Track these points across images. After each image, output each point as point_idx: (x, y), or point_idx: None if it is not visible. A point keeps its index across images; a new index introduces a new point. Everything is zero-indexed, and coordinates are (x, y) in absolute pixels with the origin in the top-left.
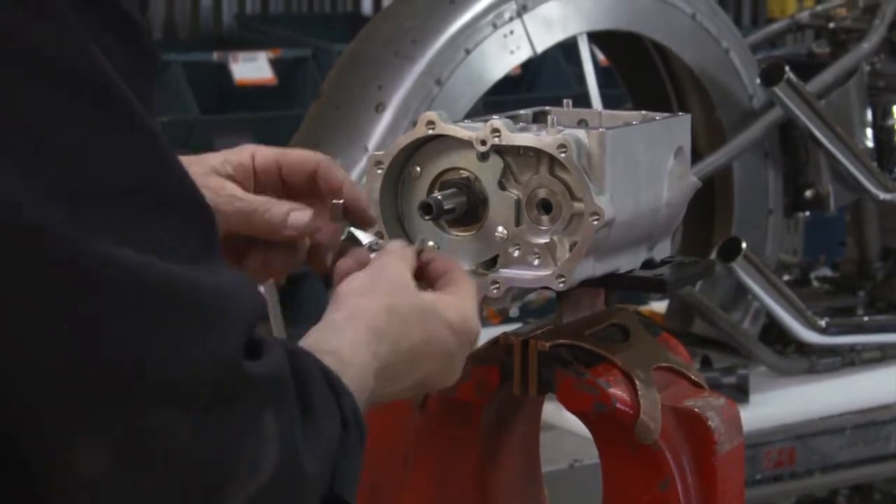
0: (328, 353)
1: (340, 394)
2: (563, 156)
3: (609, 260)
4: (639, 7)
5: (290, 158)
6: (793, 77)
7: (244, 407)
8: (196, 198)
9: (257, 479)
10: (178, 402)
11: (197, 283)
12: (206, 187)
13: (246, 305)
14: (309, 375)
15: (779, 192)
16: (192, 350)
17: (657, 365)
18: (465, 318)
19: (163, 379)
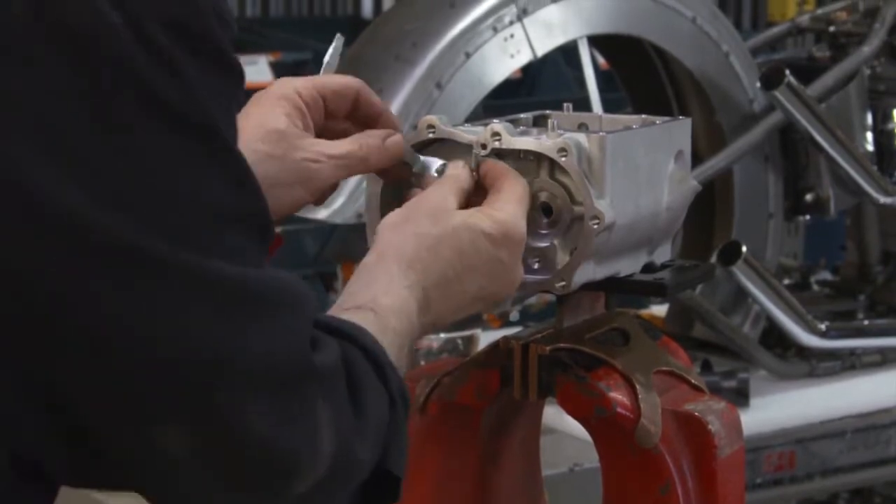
0: (364, 307)
1: (387, 374)
2: (564, 159)
3: (609, 264)
4: (639, 11)
5: (332, 87)
6: (793, 81)
7: (304, 395)
8: (265, 216)
9: (318, 465)
10: (254, 387)
11: (270, 281)
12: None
13: (310, 301)
14: (357, 365)
15: (779, 195)
16: (269, 340)
17: (657, 369)
18: (502, 224)
19: (243, 367)
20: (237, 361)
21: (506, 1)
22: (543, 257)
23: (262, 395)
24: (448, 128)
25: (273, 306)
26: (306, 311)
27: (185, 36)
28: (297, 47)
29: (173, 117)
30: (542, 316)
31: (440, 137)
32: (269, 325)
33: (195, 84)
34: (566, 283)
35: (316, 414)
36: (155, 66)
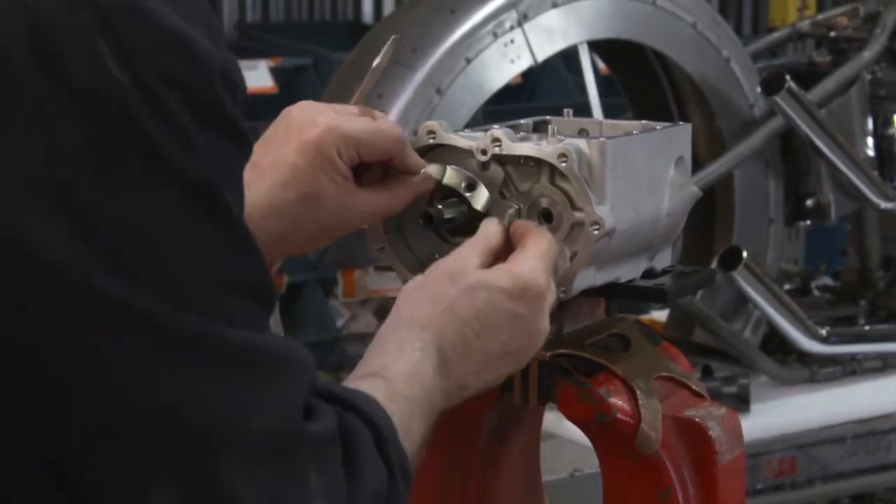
0: (375, 374)
1: (388, 447)
2: (564, 165)
3: (609, 269)
4: (639, 16)
5: (373, 150)
6: (793, 86)
7: (296, 464)
8: (266, 281)
9: None
10: (247, 453)
11: (268, 346)
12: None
13: (308, 366)
14: (356, 436)
15: (779, 201)
16: (264, 407)
17: (658, 374)
18: (518, 278)
19: (237, 432)
20: (232, 427)
21: (506, 6)
22: None
23: (255, 462)
24: (448, 133)
25: (270, 372)
26: (304, 377)
27: (192, 101)
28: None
29: (177, 178)
30: None
31: (440, 143)
32: (265, 391)
33: (199, 147)
34: (566, 288)
35: (309, 485)
36: (160, 126)
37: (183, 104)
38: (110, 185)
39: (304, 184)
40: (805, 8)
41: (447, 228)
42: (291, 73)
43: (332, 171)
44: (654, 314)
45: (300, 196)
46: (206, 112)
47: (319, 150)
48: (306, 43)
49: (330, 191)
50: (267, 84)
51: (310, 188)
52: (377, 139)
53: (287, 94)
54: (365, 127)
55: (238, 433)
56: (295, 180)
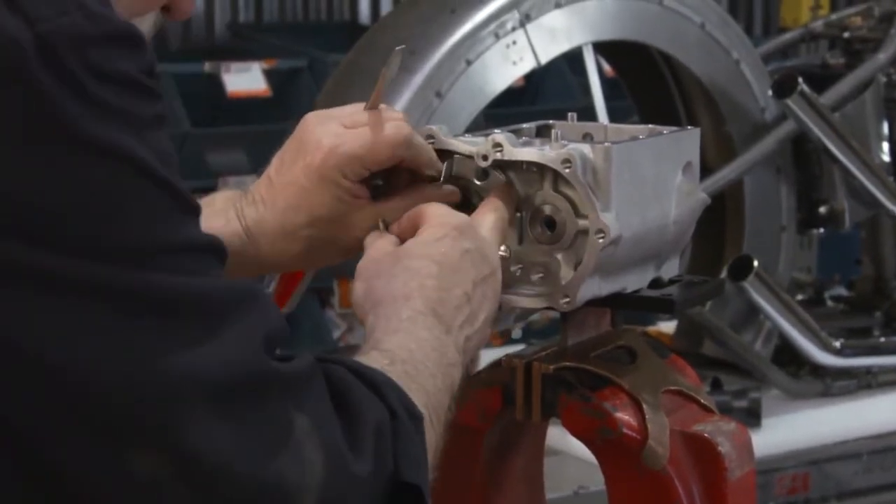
0: (368, 351)
1: (381, 386)
2: (568, 171)
3: (615, 279)
4: (646, 16)
5: (375, 162)
6: (806, 89)
7: (268, 404)
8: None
9: (307, 478)
10: (209, 405)
11: (206, 292)
12: (343, 229)
13: (261, 305)
14: (341, 377)
15: (792, 208)
16: (217, 353)
17: (665, 388)
18: (440, 221)
19: (193, 385)
20: (188, 380)
21: (508, 6)
22: (546, 272)
23: (222, 411)
24: (448, 138)
25: (219, 317)
26: (260, 314)
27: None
28: (292, 54)
29: (82, 139)
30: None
31: (440, 148)
32: (216, 337)
33: (104, 106)
34: (570, 299)
35: (291, 424)
36: (63, 90)
37: (84, 67)
38: (20, 152)
39: (313, 207)
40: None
41: None
42: (286, 75)
43: (340, 193)
44: (661, 325)
45: (311, 220)
46: (109, 73)
47: (324, 174)
48: (301, 44)
49: (341, 212)
50: (260, 87)
51: (319, 212)
52: (379, 150)
53: (281, 97)
54: (365, 141)
55: (195, 385)
56: (305, 204)
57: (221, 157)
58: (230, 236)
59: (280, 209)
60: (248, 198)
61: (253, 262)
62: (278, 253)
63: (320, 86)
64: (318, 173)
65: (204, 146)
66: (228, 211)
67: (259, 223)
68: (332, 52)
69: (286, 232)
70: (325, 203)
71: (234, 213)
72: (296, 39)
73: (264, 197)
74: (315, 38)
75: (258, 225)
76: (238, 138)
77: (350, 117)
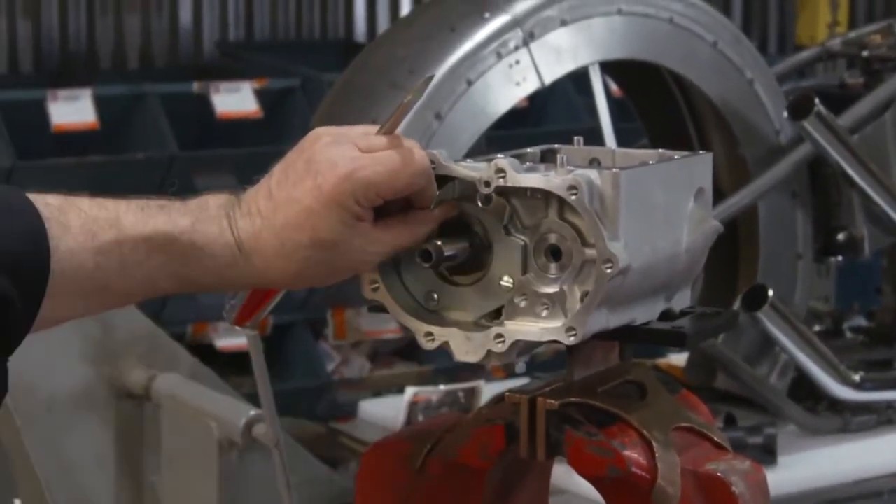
0: None
1: None
2: (574, 198)
3: (624, 311)
4: (656, 35)
5: (392, 191)
6: (823, 110)
7: None
8: None
9: None
10: None
11: None
12: (348, 252)
13: None
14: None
15: (808, 235)
16: None
17: (676, 425)
18: None
19: None
20: None
21: (511, 24)
22: (552, 304)
23: None
24: (448, 163)
25: None
26: None
27: None
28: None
29: None
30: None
31: (440, 174)
32: None
33: None
34: (577, 332)
35: None
36: None
37: None
38: None
39: (317, 229)
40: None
41: (447, 267)
42: (278, 95)
43: (348, 218)
44: (672, 358)
45: (313, 241)
46: None
47: (335, 198)
48: (294, 63)
49: (345, 236)
50: (251, 108)
51: (323, 234)
52: (399, 178)
53: (273, 118)
54: (384, 168)
55: None
56: (308, 224)
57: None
58: (222, 248)
59: (279, 226)
60: (242, 208)
61: (243, 276)
62: (271, 271)
63: (314, 107)
64: (329, 196)
65: (192, 169)
66: (222, 219)
67: (255, 238)
68: (327, 71)
69: (285, 251)
70: (330, 226)
71: (227, 223)
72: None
73: (262, 210)
74: (308, 57)
75: (254, 240)
76: (228, 161)
77: (364, 140)
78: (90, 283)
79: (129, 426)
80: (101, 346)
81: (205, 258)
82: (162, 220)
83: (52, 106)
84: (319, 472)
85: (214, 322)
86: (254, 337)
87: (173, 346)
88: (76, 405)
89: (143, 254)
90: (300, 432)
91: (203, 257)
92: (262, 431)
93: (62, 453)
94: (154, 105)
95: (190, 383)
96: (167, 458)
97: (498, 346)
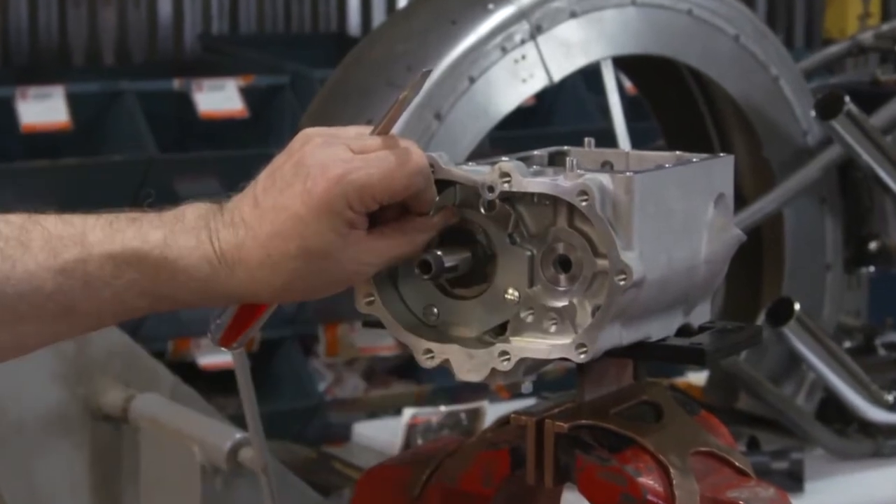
0: None
1: None
2: (585, 205)
3: (638, 326)
4: (673, 28)
5: (388, 194)
6: (853, 109)
7: None
8: None
9: None
10: None
11: None
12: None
13: None
14: None
15: (838, 243)
16: None
17: (695, 449)
18: None
19: None
20: None
21: (516, 16)
22: (561, 318)
23: None
24: (449, 167)
25: None
26: None
27: None
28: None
29: None
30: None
31: (440, 178)
32: None
33: None
34: (588, 348)
35: None
36: None
37: None
38: None
39: (306, 238)
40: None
41: (448, 279)
42: (265, 93)
43: (340, 225)
44: (690, 377)
45: (301, 251)
46: None
47: (326, 203)
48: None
49: (337, 245)
50: (236, 107)
51: (313, 243)
52: (396, 180)
53: (260, 118)
54: (379, 169)
55: None
56: (296, 233)
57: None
58: (198, 261)
59: (265, 235)
60: (224, 217)
61: (224, 291)
62: (256, 284)
63: (304, 105)
64: (320, 201)
65: (172, 173)
66: (200, 231)
67: (238, 249)
68: (318, 67)
69: (271, 262)
70: (321, 234)
71: (206, 235)
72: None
73: (246, 219)
74: (298, 52)
75: (237, 251)
76: (211, 165)
77: (358, 141)
78: (53, 305)
79: (105, 450)
80: (74, 363)
81: (179, 273)
82: (131, 235)
83: (21, 105)
84: (310, 500)
85: (197, 338)
86: (240, 354)
87: (153, 364)
88: (48, 428)
89: (109, 272)
90: (289, 457)
91: (177, 272)
92: (248, 456)
93: (33, 480)
94: (131, 104)
95: (171, 404)
96: (146, 484)
97: (503, 364)
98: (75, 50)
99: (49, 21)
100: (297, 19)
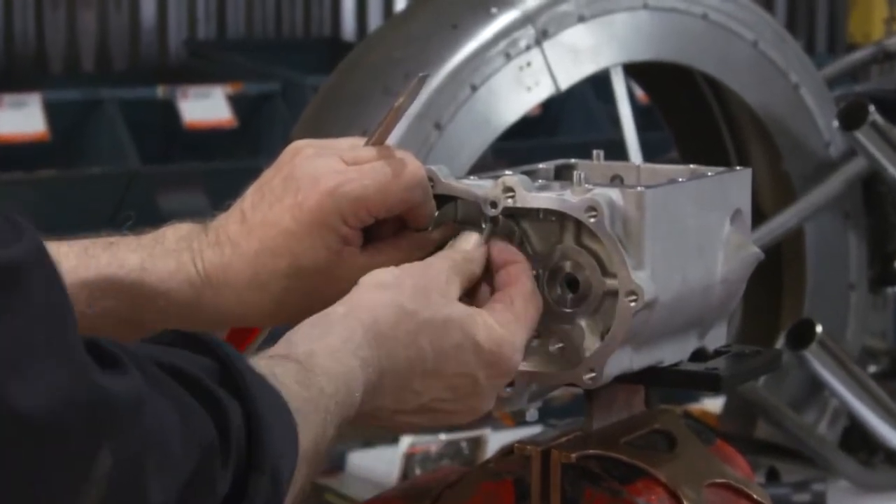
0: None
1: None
2: (593, 221)
3: (650, 350)
4: (687, 33)
5: (384, 208)
6: (879, 119)
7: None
8: None
9: None
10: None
11: None
12: (332, 280)
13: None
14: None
15: (862, 261)
16: None
17: (710, 481)
18: (499, 344)
19: None
20: None
21: (521, 21)
22: (568, 342)
23: None
24: (449, 181)
25: None
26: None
27: None
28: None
29: None
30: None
31: (439, 193)
32: None
33: None
34: (596, 374)
35: None
36: None
37: None
38: None
39: (297, 255)
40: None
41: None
42: (254, 101)
43: (333, 241)
44: (706, 404)
45: (291, 269)
46: None
47: (318, 218)
48: (273, 65)
49: (328, 262)
50: (223, 116)
51: (304, 260)
52: (392, 192)
53: (249, 128)
54: (374, 181)
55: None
56: (286, 249)
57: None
58: (180, 284)
59: (253, 253)
60: (209, 237)
61: (209, 314)
62: (244, 306)
63: (296, 114)
64: (312, 216)
65: (155, 187)
66: (182, 253)
67: (224, 269)
68: (311, 73)
69: (259, 282)
70: (313, 251)
71: (188, 257)
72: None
73: (232, 238)
74: (290, 58)
75: (222, 271)
76: (197, 177)
77: (351, 152)
78: None
79: None
80: None
81: (158, 298)
82: (105, 261)
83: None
84: None
85: None
86: None
87: None
88: None
89: (83, 302)
90: None
91: (156, 298)
92: None
93: None
94: (112, 113)
95: None
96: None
97: (507, 390)
98: (53, 55)
99: (25, 24)
100: (289, 23)
